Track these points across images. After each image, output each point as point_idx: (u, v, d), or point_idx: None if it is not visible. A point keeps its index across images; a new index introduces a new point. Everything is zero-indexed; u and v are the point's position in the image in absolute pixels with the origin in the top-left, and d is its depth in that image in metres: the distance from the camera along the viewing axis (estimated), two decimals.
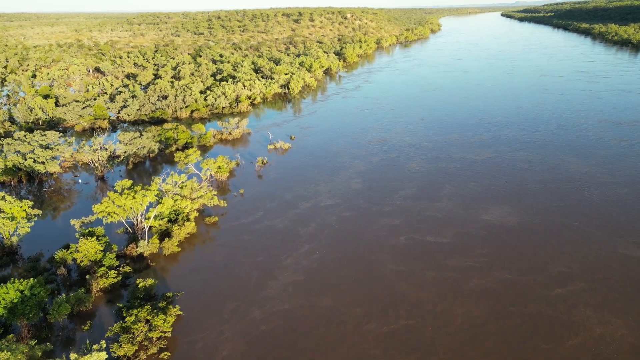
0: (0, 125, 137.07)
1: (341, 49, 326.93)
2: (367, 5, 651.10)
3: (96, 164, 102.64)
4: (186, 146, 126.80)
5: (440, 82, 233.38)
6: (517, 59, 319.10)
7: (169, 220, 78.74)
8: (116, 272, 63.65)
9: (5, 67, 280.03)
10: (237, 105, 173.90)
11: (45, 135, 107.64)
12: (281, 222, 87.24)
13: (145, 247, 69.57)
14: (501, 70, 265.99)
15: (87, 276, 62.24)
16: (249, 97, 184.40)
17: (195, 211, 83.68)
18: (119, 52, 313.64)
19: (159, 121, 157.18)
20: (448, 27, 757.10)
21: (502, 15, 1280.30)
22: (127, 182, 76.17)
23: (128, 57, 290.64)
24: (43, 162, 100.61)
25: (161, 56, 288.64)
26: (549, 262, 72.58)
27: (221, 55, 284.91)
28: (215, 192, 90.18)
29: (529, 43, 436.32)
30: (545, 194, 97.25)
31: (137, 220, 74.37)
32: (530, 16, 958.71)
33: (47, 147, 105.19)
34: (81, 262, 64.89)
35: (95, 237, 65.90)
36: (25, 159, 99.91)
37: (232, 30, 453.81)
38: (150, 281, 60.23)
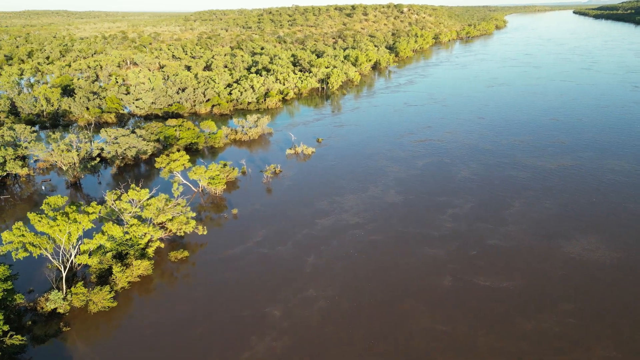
0: None
1: (394, 43, 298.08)
2: (427, 2, 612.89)
3: (65, 167, 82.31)
4: (189, 147, 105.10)
5: (506, 77, 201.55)
6: (597, 54, 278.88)
7: (117, 256, 55.97)
8: None
9: (47, 58, 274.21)
10: (265, 100, 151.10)
11: (13, 129, 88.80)
12: (282, 251, 64.84)
13: (60, 301, 46.93)
14: (579, 66, 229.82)
15: None
16: (281, 92, 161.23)
17: (159, 241, 60.55)
18: (160, 45, 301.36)
19: (174, 116, 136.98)
20: (515, 24, 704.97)
21: (575, 13, 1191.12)
22: (60, 200, 54.18)
23: (168, 49, 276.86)
24: (2, 162, 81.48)
25: (200, 48, 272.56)
26: None
27: (262, 48, 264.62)
28: (194, 215, 66.54)
29: (609, 39, 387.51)
30: None
31: (65, 256, 52.16)
32: (607, 13, 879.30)
33: (15, 145, 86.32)
34: None
35: None
36: None
37: (281, 25, 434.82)
38: None
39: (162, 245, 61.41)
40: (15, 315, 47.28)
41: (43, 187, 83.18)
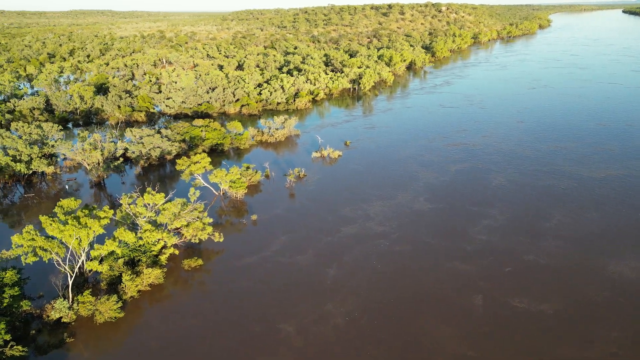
0: (28, 113, 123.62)
1: (430, 43, 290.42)
2: (466, 1, 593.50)
3: (89, 166, 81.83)
4: (215, 148, 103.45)
5: (549, 79, 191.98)
6: None
7: (129, 262, 54.13)
8: None
9: (88, 56, 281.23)
10: (295, 101, 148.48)
11: (40, 127, 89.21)
12: (302, 261, 62.15)
13: (65, 310, 45.32)
14: (628, 68, 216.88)
15: None
16: (311, 92, 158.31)
17: (174, 248, 58.43)
18: (195, 44, 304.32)
19: (203, 116, 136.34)
20: (559, 23, 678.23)
21: (624, 12, 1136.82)
22: (73, 203, 52.75)
23: (203, 48, 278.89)
24: (28, 161, 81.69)
25: (234, 48, 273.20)
26: None
27: (295, 48, 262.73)
28: (211, 220, 64.19)
29: None
30: None
31: (74, 261, 50.66)
32: None
33: (42, 143, 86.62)
34: None
35: None
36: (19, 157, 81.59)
37: (316, 24, 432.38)
38: None
39: (177, 252, 59.31)
40: (21, 322, 45.97)
41: (67, 187, 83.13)
